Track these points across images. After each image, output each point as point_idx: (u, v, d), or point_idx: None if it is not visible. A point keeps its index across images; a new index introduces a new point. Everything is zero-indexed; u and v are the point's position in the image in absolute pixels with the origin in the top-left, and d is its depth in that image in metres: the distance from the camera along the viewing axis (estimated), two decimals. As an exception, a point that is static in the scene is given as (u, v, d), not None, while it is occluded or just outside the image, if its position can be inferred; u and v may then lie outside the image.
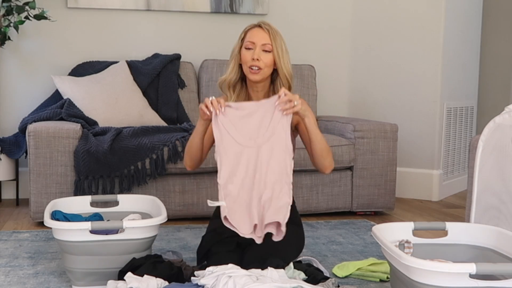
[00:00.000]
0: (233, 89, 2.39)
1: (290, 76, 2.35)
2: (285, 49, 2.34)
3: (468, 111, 4.52)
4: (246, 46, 2.32)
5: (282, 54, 2.32)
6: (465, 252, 2.07)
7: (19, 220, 3.30)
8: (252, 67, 2.30)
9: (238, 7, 4.11)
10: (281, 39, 2.34)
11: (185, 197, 3.30)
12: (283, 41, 2.34)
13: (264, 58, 2.30)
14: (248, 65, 2.31)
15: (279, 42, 2.32)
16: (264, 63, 2.29)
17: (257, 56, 2.29)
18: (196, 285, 1.95)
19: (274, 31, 2.33)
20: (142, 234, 2.15)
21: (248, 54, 2.31)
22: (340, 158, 3.44)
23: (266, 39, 2.31)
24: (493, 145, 2.24)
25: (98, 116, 3.49)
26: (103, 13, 3.97)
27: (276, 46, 2.31)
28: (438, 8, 4.02)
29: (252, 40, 2.31)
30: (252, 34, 2.33)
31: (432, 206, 3.92)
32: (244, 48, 2.33)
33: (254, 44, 2.30)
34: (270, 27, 2.34)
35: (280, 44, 2.32)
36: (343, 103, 4.39)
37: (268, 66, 2.31)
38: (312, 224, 3.26)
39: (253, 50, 2.30)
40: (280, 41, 2.33)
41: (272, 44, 2.30)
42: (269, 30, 2.32)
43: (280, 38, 2.33)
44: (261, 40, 2.30)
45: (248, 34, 2.34)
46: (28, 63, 3.88)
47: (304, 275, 2.11)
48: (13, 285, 2.22)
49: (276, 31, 2.34)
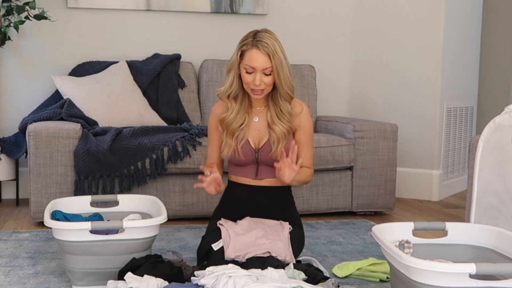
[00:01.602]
0: (235, 99, 2.36)
1: (290, 88, 2.31)
2: (284, 62, 2.27)
3: (468, 111, 4.52)
4: (247, 70, 2.27)
5: (282, 70, 2.26)
6: (465, 252, 2.07)
7: (19, 220, 3.30)
8: (254, 90, 2.29)
9: (238, 7, 4.11)
10: (279, 52, 2.25)
11: (185, 197, 3.30)
12: (282, 54, 2.27)
13: (266, 80, 2.27)
14: (250, 87, 2.29)
15: (278, 59, 2.25)
16: (265, 84, 2.28)
17: (259, 82, 2.26)
18: (196, 285, 1.95)
19: (272, 48, 2.24)
20: (142, 234, 2.15)
21: (249, 77, 2.27)
22: (340, 158, 3.44)
23: (266, 63, 2.25)
24: (493, 145, 2.24)
25: (98, 116, 3.49)
26: (103, 13, 3.97)
27: (276, 66, 2.25)
28: (438, 9, 4.02)
29: (252, 65, 2.25)
30: (251, 57, 2.25)
31: (432, 206, 3.92)
32: (244, 71, 2.28)
33: (254, 69, 2.26)
34: (268, 46, 2.24)
35: (279, 60, 2.25)
36: (343, 103, 4.39)
37: (270, 85, 2.30)
38: (312, 224, 3.26)
39: (254, 74, 2.26)
40: (279, 55, 2.25)
41: (272, 66, 2.25)
42: (268, 52, 2.24)
43: (278, 52, 2.25)
44: (262, 65, 2.25)
45: (247, 56, 2.26)
46: (28, 63, 3.88)
47: (304, 275, 2.11)
48: (13, 285, 2.22)
49: (275, 49, 2.25)
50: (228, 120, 2.35)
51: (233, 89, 2.34)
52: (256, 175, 2.39)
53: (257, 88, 2.27)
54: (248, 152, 2.37)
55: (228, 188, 2.48)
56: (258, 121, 2.39)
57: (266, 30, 2.31)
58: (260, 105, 2.40)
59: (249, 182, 2.40)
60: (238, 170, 2.42)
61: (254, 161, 2.37)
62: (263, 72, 2.26)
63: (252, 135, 2.38)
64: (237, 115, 2.36)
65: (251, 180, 2.40)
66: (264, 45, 2.24)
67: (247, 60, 2.26)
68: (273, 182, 2.38)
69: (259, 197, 2.38)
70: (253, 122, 2.39)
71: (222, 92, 2.37)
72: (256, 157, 2.36)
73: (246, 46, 2.28)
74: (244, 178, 2.41)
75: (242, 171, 2.41)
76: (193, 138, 3.28)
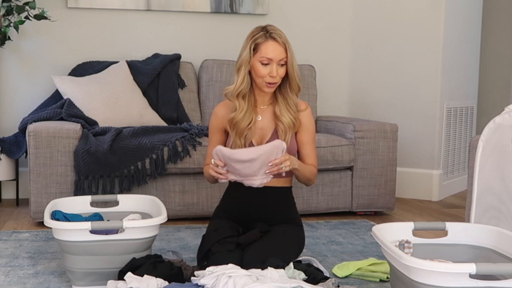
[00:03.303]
0: (243, 98, 2.36)
1: (299, 78, 2.36)
2: (293, 53, 2.33)
3: (468, 111, 4.52)
4: (262, 62, 2.28)
5: (294, 62, 2.32)
6: (465, 252, 2.07)
7: (19, 220, 3.30)
8: (270, 83, 2.30)
9: (238, 7, 4.11)
10: (290, 45, 2.32)
11: (185, 197, 3.30)
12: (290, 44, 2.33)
13: (280, 72, 2.31)
14: (265, 80, 2.30)
15: (290, 50, 2.31)
16: (280, 76, 2.31)
17: (275, 73, 2.28)
18: (196, 285, 1.95)
19: (286, 40, 2.31)
20: (142, 234, 2.15)
21: (264, 70, 2.29)
22: (340, 158, 3.44)
23: (283, 53, 2.29)
24: (493, 145, 2.24)
25: (98, 116, 3.49)
26: (103, 13, 3.97)
27: (291, 57, 2.30)
28: (438, 8, 4.02)
29: (269, 56, 2.27)
30: (268, 49, 2.28)
31: (432, 206, 3.92)
32: (260, 63, 2.29)
33: (271, 60, 2.28)
34: (282, 37, 2.30)
35: (291, 52, 2.31)
36: (343, 103, 4.39)
37: (282, 76, 2.33)
38: (312, 224, 3.26)
39: (270, 66, 2.28)
40: (291, 49, 2.31)
41: (288, 57, 2.30)
42: (285, 43, 2.30)
43: (290, 45, 2.32)
44: (279, 56, 2.28)
45: (263, 48, 2.28)
46: (28, 63, 3.88)
47: (304, 275, 2.11)
48: (13, 285, 2.22)
49: (286, 39, 2.32)
50: (237, 119, 2.35)
51: (243, 87, 2.34)
52: None
53: (273, 80, 2.29)
54: None
55: (228, 188, 2.48)
56: (261, 119, 2.40)
57: (272, 25, 2.36)
58: (264, 103, 2.41)
59: None
60: None
61: None
62: (279, 63, 2.29)
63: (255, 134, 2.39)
64: (246, 114, 2.36)
65: None
66: (279, 36, 2.30)
67: (264, 52, 2.28)
68: (274, 183, 2.37)
69: (259, 197, 2.38)
70: (257, 121, 2.40)
71: (231, 90, 2.37)
72: None
73: (260, 39, 2.30)
74: None
75: None
76: (193, 138, 3.28)
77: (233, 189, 2.44)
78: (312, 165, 2.44)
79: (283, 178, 2.38)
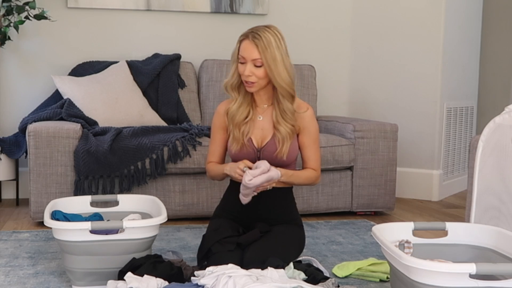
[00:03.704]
0: (238, 90, 2.38)
1: (288, 84, 2.30)
2: (280, 58, 2.27)
3: (468, 111, 4.52)
4: (239, 60, 2.31)
5: (275, 66, 2.26)
6: (465, 252, 2.07)
7: (19, 220, 3.30)
8: (246, 81, 2.31)
9: (238, 7, 4.11)
10: (274, 48, 2.26)
11: (185, 197, 3.30)
12: (278, 49, 2.26)
13: (257, 72, 2.28)
14: (242, 79, 2.32)
15: (270, 54, 2.25)
16: (256, 77, 2.29)
17: (248, 72, 2.28)
18: (196, 285, 1.95)
19: (265, 41, 2.25)
20: (142, 234, 2.15)
21: (241, 68, 2.31)
22: (340, 158, 3.44)
23: (255, 54, 2.26)
24: (493, 145, 2.24)
25: (98, 116, 3.49)
26: (103, 13, 3.97)
27: (266, 59, 2.25)
28: (438, 8, 4.02)
29: (242, 54, 2.29)
30: (242, 48, 2.30)
31: (432, 206, 3.92)
32: (239, 61, 2.32)
33: (245, 59, 2.28)
34: (260, 38, 2.26)
35: (271, 55, 2.25)
36: (343, 103, 4.39)
37: (262, 78, 2.30)
38: (312, 224, 3.26)
39: (245, 65, 2.29)
40: (273, 51, 2.25)
41: (262, 58, 2.26)
42: (257, 43, 2.25)
43: (273, 48, 2.25)
44: (251, 56, 2.27)
45: (241, 47, 2.31)
46: (28, 63, 3.88)
47: (304, 275, 2.11)
48: (13, 285, 2.22)
49: (268, 42, 2.25)
50: (231, 110, 2.38)
51: (234, 79, 2.36)
52: None
53: (247, 79, 2.29)
54: (251, 151, 2.37)
55: (229, 188, 2.48)
56: (262, 119, 2.40)
57: (269, 26, 2.33)
58: (263, 103, 2.40)
59: None
60: None
61: (255, 161, 2.37)
62: (254, 64, 2.27)
63: (255, 134, 2.39)
64: (240, 107, 2.38)
65: None
66: (256, 37, 2.27)
67: (240, 50, 2.30)
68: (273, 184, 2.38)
69: (259, 198, 2.38)
70: (257, 120, 2.40)
71: (225, 83, 2.40)
72: (258, 156, 2.37)
73: (242, 37, 2.32)
74: None
75: None
76: (193, 138, 3.28)
77: (233, 189, 2.44)
78: (312, 168, 2.43)
79: None
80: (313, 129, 2.42)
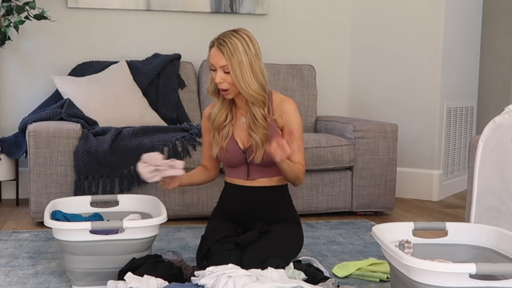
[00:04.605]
0: (218, 95, 2.38)
1: (255, 90, 2.25)
2: (248, 63, 2.22)
3: (468, 111, 4.52)
4: (210, 67, 2.30)
5: (241, 72, 2.22)
6: (465, 252, 2.07)
7: (19, 220, 3.30)
8: (220, 89, 2.30)
9: (238, 7, 4.11)
10: (241, 53, 2.22)
11: (185, 197, 3.30)
12: (245, 54, 2.22)
13: (227, 79, 2.26)
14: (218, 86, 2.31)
15: (236, 60, 2.22)
16: (228, 83, 2.27)
17: (219, 79, 2.26)
18: (196, 285, 1.95)
19: (230, 47, 2.22)
20: (142, 234, 2.15)
21: (213, 75, 2.30)
22: (340, 158, 3.44)
23: (222, 61, 2.24)
24: (493, 145, 2.24)
25: (98, 116, 3.49)
26: (103, 13, 3.97)
27: (232, 65, 2.22)
28: (438, 8, 4.02)
29: (211, 62, 2.28)
30: (210, 55, 2.28)
31: (432, 206, 3.92)
32: (209, 68, 2.31)
33: (214, 66, 2.27)
34: (225, 45, 2.22)
35: (238, 62, 2.22)
36: (343, 103, 4.39)
37: (233, 84, 2.27)
38: (312, 224, 3.26)
39: (216, 72, 2.27)
40: (239, 57, 2.22)
41: (228, 65, 2.23)
42: (223, 50, 2.23)
43: (240, 53, 2.21)
44: (218, 63, 2.25)
45: (209, 54, 2.30)
46: (28, 63, 3.88)
47: (304, 275, 2.11)
48: (13, 285, 2.22)
49: (234, 48, 2.21)
50: (213, 114, 2.40)
51: (212, 85, 2.36)
52: (248, 175, 2.39)
53: (220, 86, 2.28)
54: (236, 152, 2.37)
55: (224, 189, 2.49)
56: (245, 121, 2.38)
57: (237, 30, 2.29)
58: (243, 106, 2.38)
59: (242, 183, 2.40)
60: (231, 172, 2.43)
61: (243, 162, 2.37)
62: (223, 70, 2.25)
63: (240, 136, 2.38)
64: (220, 110, 2.38)
65: (243, 181, 2.40)
66: (220, 43, 2.24)
67: (210, 57, 2.30)
68: (266, 182, 2.38)
69: (253, 198, 2.38)
70: (240, 122, 2.39)
71: (206, 88, 2.41)
72: (245, 158, 2.36)
73: (210, 43, 2.31)
74: (237, 179, 2.41)
75: (234, 172, 2.41)
76: (193, 138, 3.28)
77: (229, 189, 2.45)
78: (299, 163, 2.37)
79: (274, 177, 2.38)
80: (295, 124, 2.34)
